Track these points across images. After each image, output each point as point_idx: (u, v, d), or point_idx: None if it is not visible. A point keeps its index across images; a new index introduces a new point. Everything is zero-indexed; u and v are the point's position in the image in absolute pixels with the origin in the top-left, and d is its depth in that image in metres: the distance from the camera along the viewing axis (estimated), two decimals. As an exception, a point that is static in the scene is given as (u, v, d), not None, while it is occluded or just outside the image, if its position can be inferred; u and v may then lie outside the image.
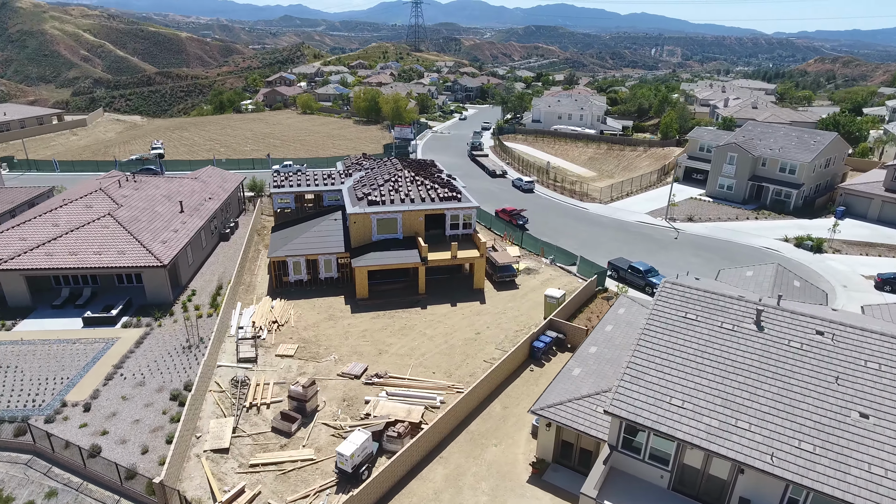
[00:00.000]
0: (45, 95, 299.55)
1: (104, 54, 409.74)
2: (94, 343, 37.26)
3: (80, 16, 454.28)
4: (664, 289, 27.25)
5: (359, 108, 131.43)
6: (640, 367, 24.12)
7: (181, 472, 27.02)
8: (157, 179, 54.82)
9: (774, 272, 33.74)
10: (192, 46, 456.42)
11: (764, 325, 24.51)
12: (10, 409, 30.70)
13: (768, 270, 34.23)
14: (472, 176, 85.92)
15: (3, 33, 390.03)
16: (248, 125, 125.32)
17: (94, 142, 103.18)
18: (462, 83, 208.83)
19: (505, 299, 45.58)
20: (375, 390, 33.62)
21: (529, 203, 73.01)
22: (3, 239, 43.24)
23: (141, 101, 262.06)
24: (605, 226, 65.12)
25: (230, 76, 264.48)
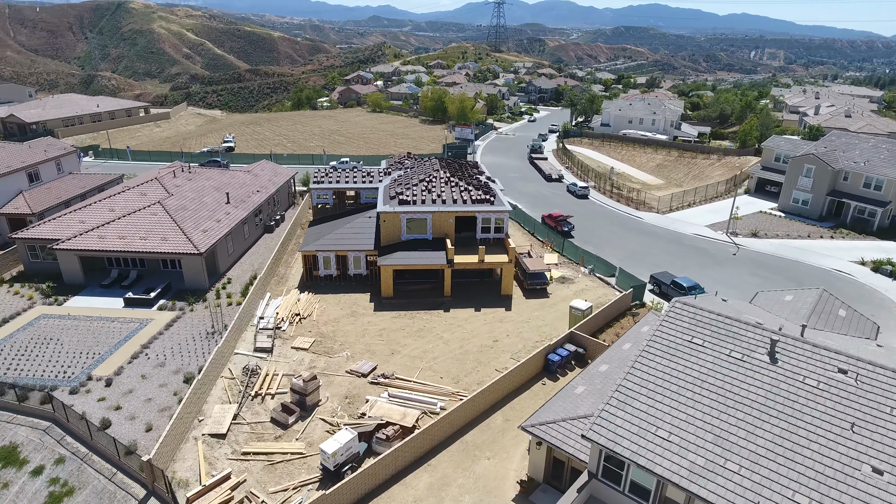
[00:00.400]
0: (150, 90, 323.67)
1: (204, 52, 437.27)
2: (129, 323, 39.53)
3: (184, 16, 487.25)
4: (673, 309, 25.30)
5: (426, 107, 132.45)
6: (630, 392, 22.46)
7: (177, 452, 28.05)
8: (209, 171, 57.57)
9: (817, 298, 30.51)
10: (283, 45, 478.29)
11: (778, 358, 22.16)
12: (43, 378, 33.08)
13: (810, 296, 31.00)
14: (528, 179, 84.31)
15: (117, 32, 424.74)
16: (317, 122, 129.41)
17: (174, 134, 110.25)
18: (537, 84, 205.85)
19: (532, 308, 44.19)
20: (379, 390, 33.50)
21: (582, 209, 70.61)
22: (64, 221, 46.83)
23: (231, 96, 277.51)
24: (658, 237, 61.81)
25: (314, 74, 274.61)
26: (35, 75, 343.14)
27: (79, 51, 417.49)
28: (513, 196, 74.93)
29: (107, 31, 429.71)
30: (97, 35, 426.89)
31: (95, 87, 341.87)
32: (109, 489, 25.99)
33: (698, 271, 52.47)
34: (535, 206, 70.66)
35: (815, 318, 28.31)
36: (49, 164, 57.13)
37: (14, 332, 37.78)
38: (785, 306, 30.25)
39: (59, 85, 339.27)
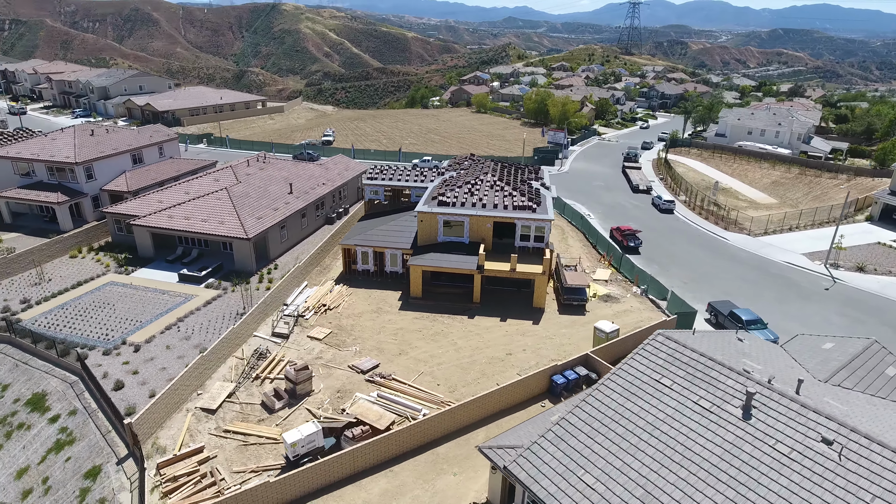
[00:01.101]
0: (290, 85, 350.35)
1: (342, 51, 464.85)
2: (176, 297, 43.13)
3: (329, 17, 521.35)
4: (652, 342, 22.66)
5: (528, 109, 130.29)
6: (571, 427, 20.45)
7: (167, 420, 30.09)
8: (283, 162, 61.08)
9: (861, 350, 25.66)
10: (415, 45, 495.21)
11: (753, 414, 19.04)
12: (87, 338, 37.09)
13: (854, 346, 26.14)
14: (613, 189, 79.95)
15: (268, 31, 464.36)
16: (419, 120, 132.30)
17: (285, 126, 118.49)
18: (659, 89, 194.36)
19: (562, 324, 41.80)
20: (372, 388, 33.53)
21: (661, 224, 65.56)
22: (146, 200, 52.12)
23: (358, 93, 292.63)
24: (739, 261, 55.70)
25: (436, 74, 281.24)
26: (197, 70, 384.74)
27: (235, 48, 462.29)
28: (589, 205, 71.49)
29: (260, 31, 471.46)
30: (252, 34, 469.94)
31: (245, 81, 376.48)
32: (100, 445, 28.53)
33: (773, 305, 46.57)
34: (609, 218, 66.79)
35: (847, 374, 23.82)
36: (152, 148, 63.90)
37: (82, 295, 42.75)
38: (817, 354, 25.79)
39: (216, 79, 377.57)
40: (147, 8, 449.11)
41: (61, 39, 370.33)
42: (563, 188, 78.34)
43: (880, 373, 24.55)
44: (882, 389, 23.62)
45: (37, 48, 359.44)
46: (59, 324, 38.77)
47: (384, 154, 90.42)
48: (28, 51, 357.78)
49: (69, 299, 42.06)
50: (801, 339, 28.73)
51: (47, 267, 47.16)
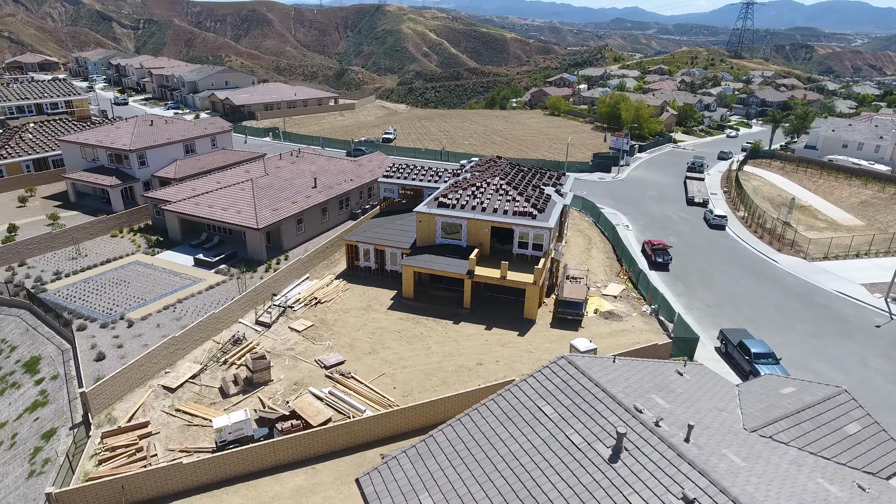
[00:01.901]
0: (387, 84, 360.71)
1: (441, 51, 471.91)
2: (185, 279, 45.81)
3: (431, 18, 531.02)
4: (552, 364, 21.10)
5: (601, 113, 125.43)
6: (435, 445, 19.45)
7: (128, 394, 32.02)
8: (315, 157, 62.96)
9: (821, 399, 22.19)
10: (513, 46, 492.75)
11: (622, 458, 17.18)
12: (92, 311, 40.33)
13: (816, 394, 22.71)
14: (665, 200, 75.14)
15: (371, 31, 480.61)
16: (488, 121, 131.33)
17: (353, 123, 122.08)
18: (760, 95, 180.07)
19: (549, 338, 39.86)
20: (329, 384, 33.78)
21: (706, 241, 60.72)
22: (181, 187, 55.76)
23: (447, 93, 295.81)
24: (781, 287, 50.42)
25: (526, 75, 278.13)
26: (302, 67, 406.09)
27: (340, 48, 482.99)
28: (632, 216, 67.68)
29: (364, 31, 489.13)
30: (356, 34, 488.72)
31: (345, 79, 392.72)
32: (64, 410, 30.91)
33: (804, 339, 41.75)
34: (649, 230, 62.82)
35: (790, 425, 20.68)
36: (205, 139, 68.28)
37: (106, 272, 46.54)
38: (767, 398, 22.63)
39: (318, 76, 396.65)
40: (263, 9, 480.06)
41: (186, 38, 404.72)
42: (610, 196, 74.75)
43: (836, 428, 21.12)
44: (831, 448, 20.32)
45: (165, 45, 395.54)
46: (76, 296, 42.44)
47: (437, 154, 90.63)
48: (157, 47, 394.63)
49: (93, 274, 45.93)
50: (767, 379, 25.30)
51: (88, 244, 51.78)
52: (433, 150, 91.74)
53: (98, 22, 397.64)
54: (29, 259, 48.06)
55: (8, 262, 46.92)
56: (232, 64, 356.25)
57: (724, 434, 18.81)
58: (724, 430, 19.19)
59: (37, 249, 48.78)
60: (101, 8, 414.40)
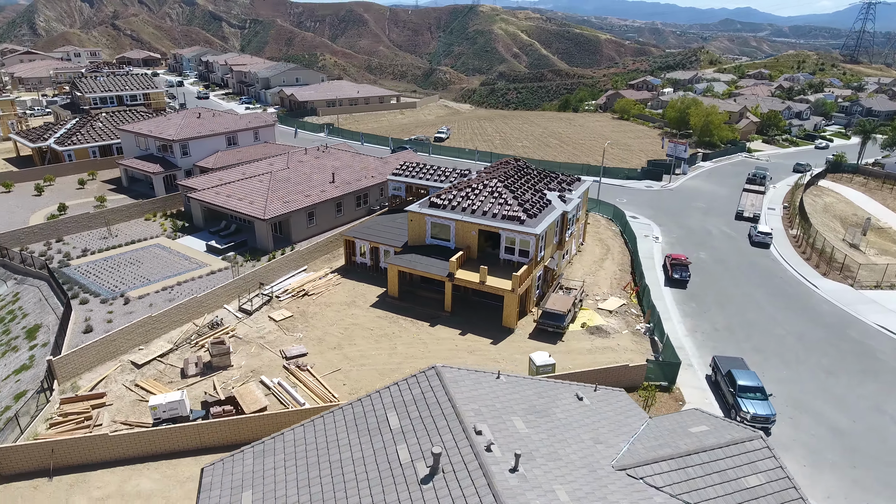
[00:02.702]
0: (473, 84, 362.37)
1: (531, 52, 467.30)
2: (192, 263, 48.41)
3: (524, 18, 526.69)
4: (420, 374, 20.33)
5: (670, 118, 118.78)
6: (280, 444, 19.30)
7: (99, 366, 34.29)
8: (340, 153, 64.31)
9: (726, 443, 19.73)
10: (607, 48, 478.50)
11: (434, 480, 16.29)
12: (99, 287, 43.59)
13: (723, 436, 20.18)
14: (713, 212, 69.95)
15: (463, 32, 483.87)
16: (549, 123, 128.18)
17: (411, 122, 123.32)
18: (866, 104, 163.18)
19: (523, 349, 38.33)
20: (282, 375, 34.45)
21: (743, 259, 55.92)
22: (209, 177, 58.96)
23: (528, 94, 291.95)
24: (810, 315, 45.50)
25: (613, 78, 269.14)
26: (392, 67, 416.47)
27: (431, 48, 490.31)
28: (668, 228, 63.66)
29: (455, 31, 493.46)
30: (447, 34, 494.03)
31: (432, 79, 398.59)
32: (41, 375, 33.60)
33: (816, 375, 37.55)
34: (682, 244, 58.79)
35: (672, 468, 18.51)
36: (247, 132, 71.77)
37: (125, 252, 50.14)
38: (667, 436, 20.40)
39: (407, 76, 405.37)
40: (360, 9, 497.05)
41: (286, 37, 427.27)
42: (651, 206, 70.69)
43: (731, 478, 18.55)
44: (716, 500, 17.95)
45: (267, 44, 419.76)
46: (92, 272, 46.07)
47: (475, 153, 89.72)
48: (260, 46, 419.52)
49: (114, 254, 49.63)
50: (688, 414, 22.68)
51: (122, 225, 56.03)
52: (476, 150, 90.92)
53: (210, 22, 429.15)
54: (66, 236, 52.71)
55: (48, 237, 51.72)
56: (325, 62, 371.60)
57: (575, 469, 17.21)
58: (581, 464, 17.56)
59: (75, 227, 53.41)
60: (213, 8, 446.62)
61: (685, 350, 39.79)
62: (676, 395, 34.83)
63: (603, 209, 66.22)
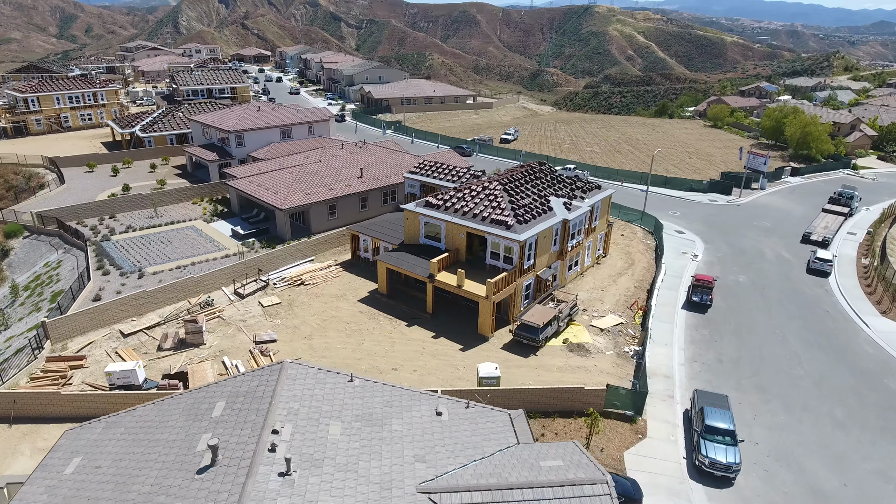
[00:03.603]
0: (577, 88, 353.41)
1: (647, 55, 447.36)
2: (214, 246, 51.67)
3: (642, 19, 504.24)
4: (266, 367, 20.44)
5: (765, 127, 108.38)
6: (127, 419, 20.17)
7: (92, 331, 37.69)
8: (377, 149, 65.45)
9: (567, 481, 17.80)
10: (732, 51, 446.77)
11: (205, 472, 16.32)
12: (124, 260, 47.80)
13: (560, 474, 18.17)
14: (777, 233, 63.12)
15: (575, 33, 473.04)
16: (630, 129, 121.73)
17: (484, 122, 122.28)
18: None
19: (488, 359, 36.96)
20: (245, 358, 35.89)
21: (791, 287, 50.06)
22: (249, 166, 62.52)
23: (633, 98, 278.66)
24: (844, 356, 39.83)
25: (722, 83, 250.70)
26: (500, 68, 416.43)
27: (541, 49, 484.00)
28: (715, 246, 58.47)
29: (568, 32, 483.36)
30: (559, 35, 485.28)
31: (539, 80, 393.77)
32: (43, 335, 37.58)
33: (822, 427, 33.01)
34: (723, 265, 53.77)
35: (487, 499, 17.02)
36: (301, 126, 75.22)
37: (161, 231, 54.54)
38: (499, 466, 18.75)
39: (513, 77, 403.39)
40: (473, 10, 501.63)
41: (399, 37, 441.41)
42: (705, 221, 65.19)
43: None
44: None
45: (380, 44, 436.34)
46: (126, 247, 50.68)
47: (535, 156, 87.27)
48: (374, 45, 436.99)
49: (151, 232, 54.20)
50: (558, 447, 20.49)
51: (170, 207, 61.03)
52: (522, 152, 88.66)
53: (330, 22, 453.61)
54: (119, 214, 58.35)
55: (102, 213, 57.56)
56: (433, 62, 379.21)
57: (366, 484, 16.37)
58: (377, 480, 16.65)
59: (127, 206, 59.00)
60: (334, 9, 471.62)
61: (673, 380, 36.36)
62: (639, 428, 31.94)
63: (646, 221, 61.99)
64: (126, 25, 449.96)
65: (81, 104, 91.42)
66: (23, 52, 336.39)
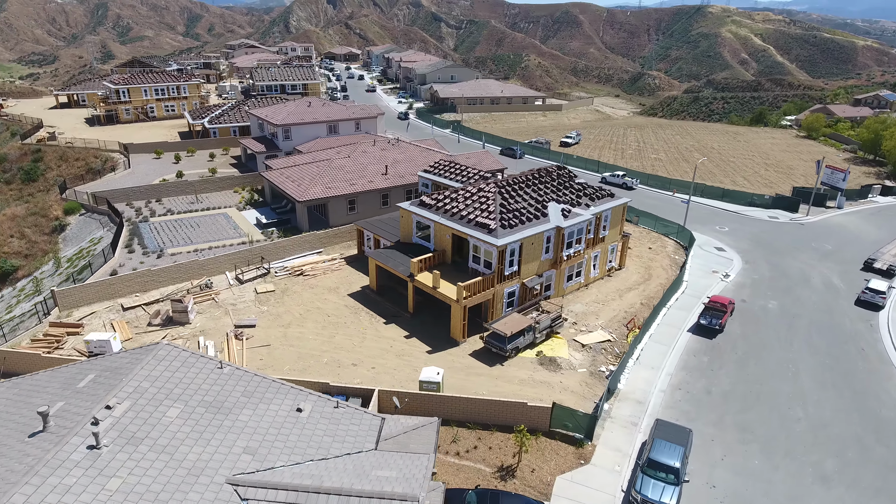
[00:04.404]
0: (674, 92, 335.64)
1: (763, 58, 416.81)
2: (235, 232, 54.55)
3: (761, 20, 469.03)
4: (152, 345, 21.44)
5: (862, 139, 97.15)
6: (15, 384, 21.87)
7: (97, 302, 41.14)
8: (409, 146, 65.88)
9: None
10: (864, 56, 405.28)
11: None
12: (152, 240, 51.65)
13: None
14: (836, 258, 56.71)
15: (684, 35, 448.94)
16: (707, 136, 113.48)
17: (552, 124, 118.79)
18: None
19: (453, 364, 36.21)
20: (218, 341, 37.64)
21: (827, 318, 44.87)
22: (284, 159, 65.24)
23: (738, 105, 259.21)
24: (857, 402, 35.23)
25: (834, 91, 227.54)
26: (599, 70, 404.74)
27: (645, 51, 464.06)
28: (754, 265, 53.69)
29: (676, 34, 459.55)
30: (666, 37, 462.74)
31: (640, 83, 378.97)
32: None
33: (802, 478, 29.58)
34: (752, 286, 49.11)
35: (293, 500, 16.75)
36: (348, 122, 77.36)
37: (195, 216, 58.33)
38: (343, 470, 18.20)
39: (612, 80, 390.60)
40: (576, 11, 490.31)
41: (497, 37, 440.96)
42: (754, 239, 59.83)
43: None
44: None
45: (478, 44, 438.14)
46: (159, 228, 54.77)
47: (584, 161, 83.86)
48: (471, 46, 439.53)
49: (186, 217, 58.15)
50: (422, 459, 19.50)
51: (211, 195, 65.09)
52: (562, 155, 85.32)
53: (430, 22, 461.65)
54: (165, 198, 63.13)
55: (150, 196, 62.52)
56: (528, 63, 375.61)
57: (174, 467, 16.68)
58: (189, 464, 16.87)
59: (174, 191, 63.69)
60: (435, 10, 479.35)
61: (644, 406, 33.76)
62: (584, 453, 29.93)
63: (682, 235, 57.77)
64: (244, 25, 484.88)
65: (166, 96, 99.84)
66: (153, 49, 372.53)
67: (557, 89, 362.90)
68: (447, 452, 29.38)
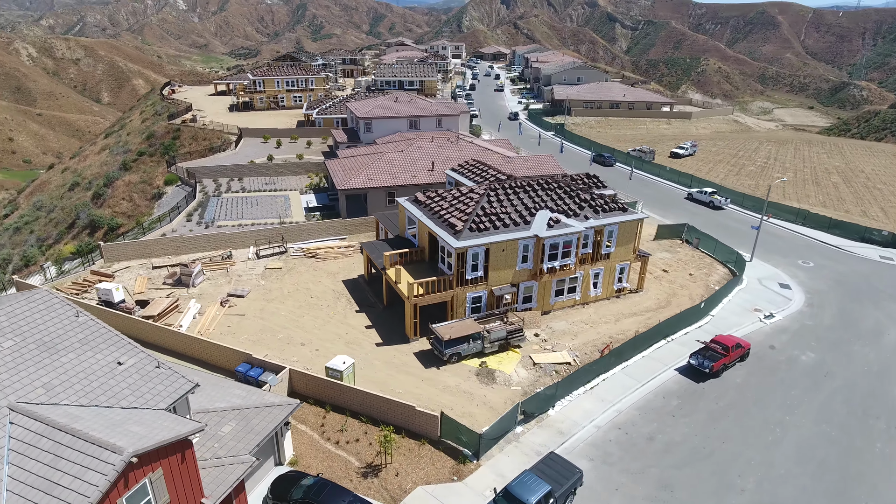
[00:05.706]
0: (878, 107, 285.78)
1: None
2: (284, 212, 59.53)
3: None
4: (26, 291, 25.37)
5: None
6: None
7: (133, 260, 48.10)
8: (467, 144, 65.81)
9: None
10: None
11: None
12: (210, 214, 58.52)
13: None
14: (879, 290, 45.73)
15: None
16: (864, 158, 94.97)
17: (676, 133, 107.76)
18: None
19: (392, 360, 36.39)
20: (207, 305, 41.98)
21: (877, 381, 36.82)
22: (350, 150, 69.05)
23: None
24: (852, 490, 28.60)
25: None
26: (791, 78, 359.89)
27: (856, 58, 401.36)
28: (819, 311, 45.84)
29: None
30: (886, 43, 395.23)
31: (840, 95, 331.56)
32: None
33: None
34: (801, 334, 41.74)
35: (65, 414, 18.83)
36: (430, 118, 79.18)
37: (258, 196, 64.58)
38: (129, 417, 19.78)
39: (807, 89, 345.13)
40: (774, 11, 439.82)
41: (675, 39, 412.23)
42: (841, 280, 50.69)
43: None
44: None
45: (653, 46, 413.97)
46: (224, 203, 61.80)
47: (689, 179, 76.00)
48: (646, 48, 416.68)
49: (252, 195, 64.73)
50: (154, 416, 20.15)
51: (287, 178, 71.39)
52: (678, 172, 77.46)
53: (604, 23, 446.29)
54: (246, 177, 70.68)
55: (233, 175, 70.45)
56: (706, 67, 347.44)
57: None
58: None
59: (256, 172, 71.07)
60: (612, 10, 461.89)
61: (564, 437, 30.94)
62: (463, 470, 28.49)
63: (739, 264, 50.55)
64: (422, 24, 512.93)
65: (294, 88, 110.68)
66: (339, 45, 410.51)
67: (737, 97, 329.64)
68: (328, 439, 29.95)
